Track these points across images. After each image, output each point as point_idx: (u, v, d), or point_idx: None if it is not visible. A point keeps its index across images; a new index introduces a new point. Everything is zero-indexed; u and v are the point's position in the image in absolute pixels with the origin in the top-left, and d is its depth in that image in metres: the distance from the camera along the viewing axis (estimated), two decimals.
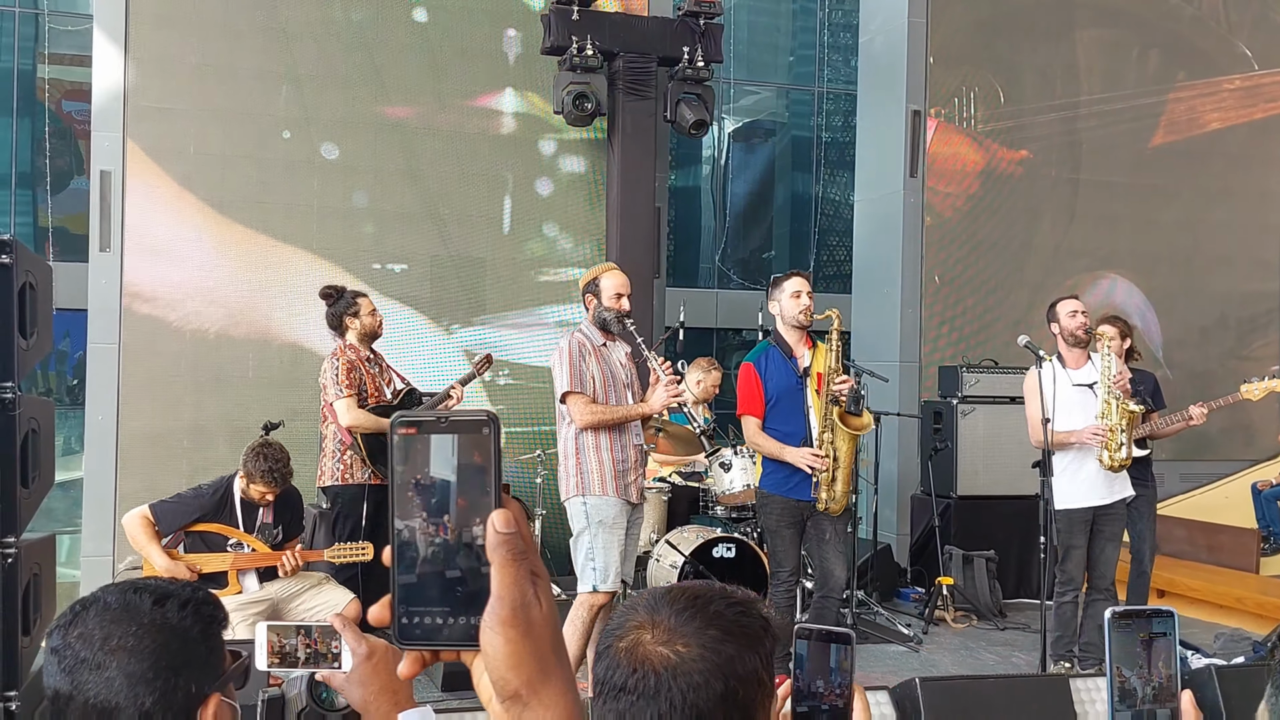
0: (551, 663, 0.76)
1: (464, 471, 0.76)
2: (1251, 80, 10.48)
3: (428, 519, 0.76)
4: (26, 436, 2.67)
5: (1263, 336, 10.49)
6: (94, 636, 1.33)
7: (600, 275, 5.10)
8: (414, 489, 0.76)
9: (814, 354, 5.28)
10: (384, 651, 1.64)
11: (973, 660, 6.32)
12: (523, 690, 0.75)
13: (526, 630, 0.75)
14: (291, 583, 5.29)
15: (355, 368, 5.86)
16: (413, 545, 0.76)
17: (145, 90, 7.59)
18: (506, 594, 0.74)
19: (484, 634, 0.75)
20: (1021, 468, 6.74)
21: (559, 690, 0.77)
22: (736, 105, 14.01)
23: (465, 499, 0.76)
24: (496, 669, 0.75)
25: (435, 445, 0.76)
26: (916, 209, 9.23)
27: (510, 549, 0.75)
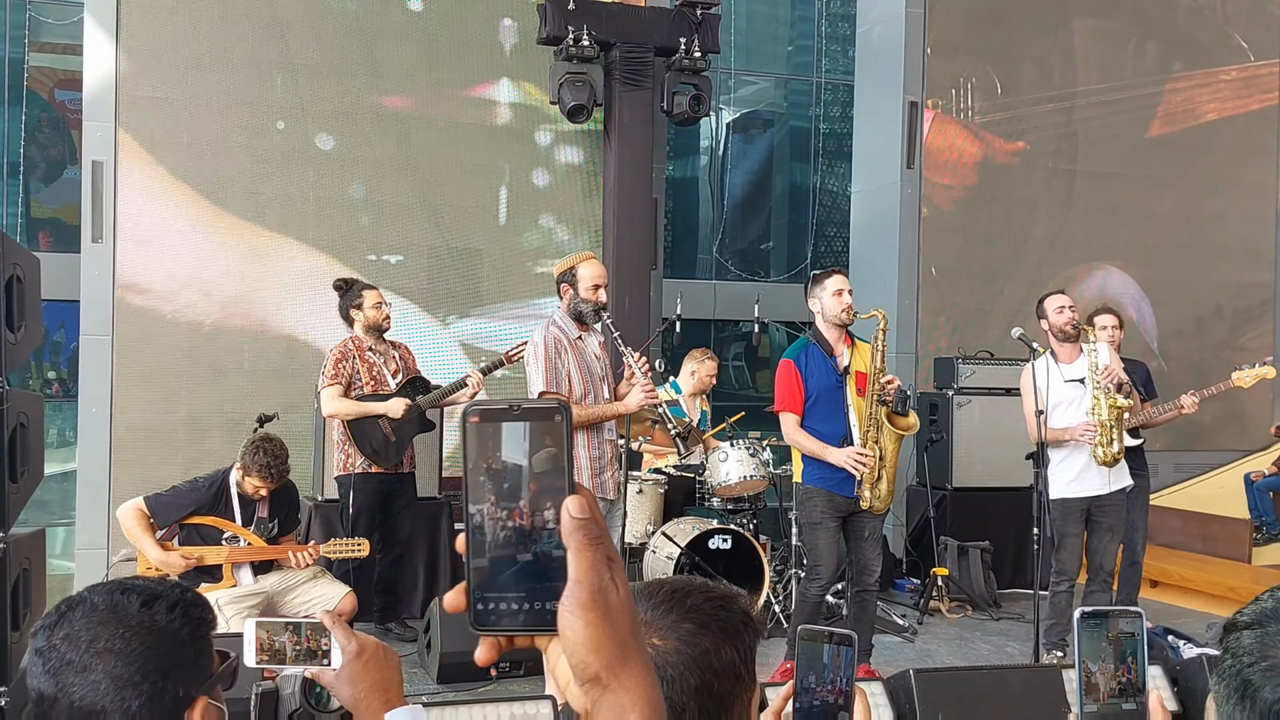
0: (630, 646, 0.77)
1: (538, 458, 0.77)
2: (1248, 71, 10.46)
3: (502, 505, 0.77)
4: (15, 431, 2.66)
5: (1257, 327, 10.49)
6: (80, 638, 1.31)
7: (578, 264, 4.93)
8: (487, 476, 0.77)
9: (853, 352, 5.22)
10: (374, 649, 1.63)
11: (967, 650, 6.32)
12: (603, 673, 0.75)
13: (606, 614, 0.75)
14: (287, 576, 5.29)
15: (347, 358, 5.93)
16: (487, 532, 0.77)
17: (137, 79, 7.55)
18: (585, 578, 0.75)
19: (563, 618, 0.75)
20: (1016, 459, 6.73)
21: (638, 672, 0.77)
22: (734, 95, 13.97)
23: (539, 485, 0.77)
24: (576, 652, 0.75)
25: (508, 433, 0.77)
26: (913, 200, 9.22)
27: (586, 534, 0.75)
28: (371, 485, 5.94)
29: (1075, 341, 5.69)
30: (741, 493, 6.65)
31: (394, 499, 6.06)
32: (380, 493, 5.98)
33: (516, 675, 5.30)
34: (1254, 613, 1.03)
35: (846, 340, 5.25)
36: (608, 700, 0.76)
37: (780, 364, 5.26)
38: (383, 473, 5.95)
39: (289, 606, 5.24)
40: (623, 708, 0.76)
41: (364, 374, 5.95)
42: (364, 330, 6.03)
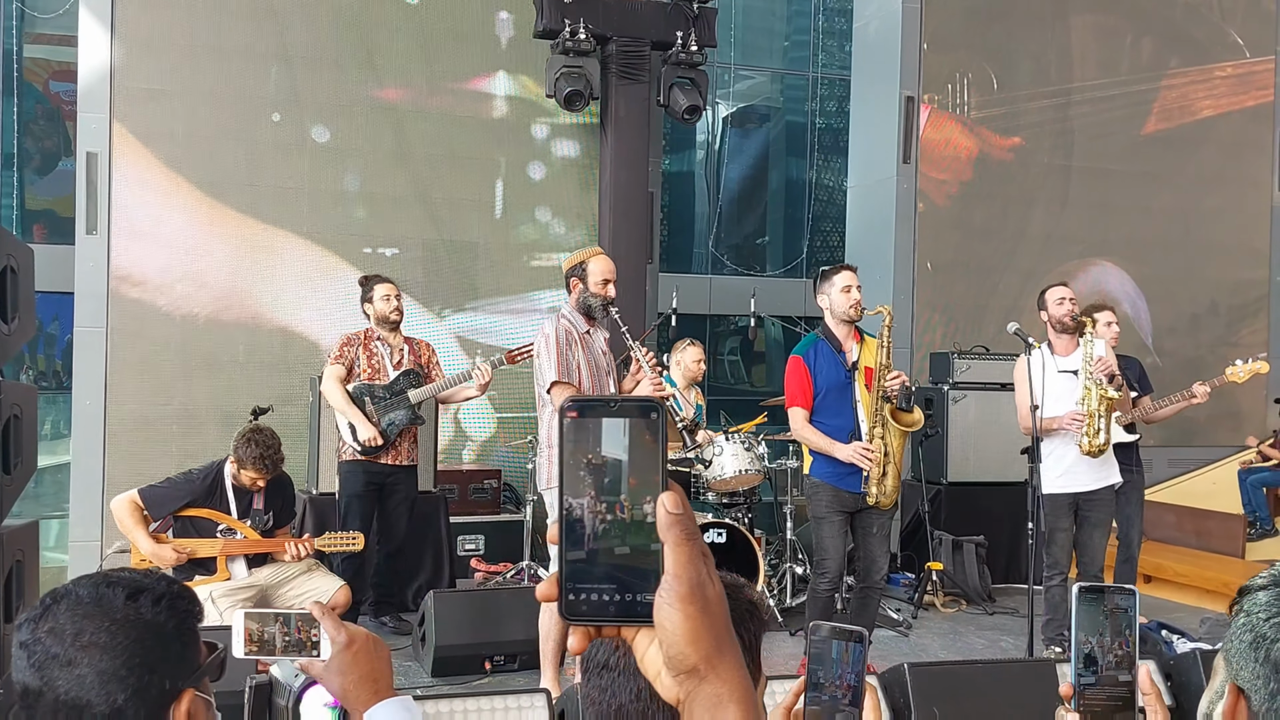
0: (726, 639, 0.79)
1: (634, 453, 0.79)
2: (1243, 68, 10.47)
3: (597, 499, 0.78)
4: (8, 422, 2.65)
5: (1252, 323, 10.51)
6: (65, 632, 1.30)
7: (588, 259, 4.97)
8: (584, 469, 0.78)
9: (862, 348, 5.23)
10: (364, 640, 1.62)
11: (961, 645, 6.33)
12: (701, 665, 0.77)
13: (704, 607, 0.77)
14: (282, 569, 5.28)
15: (352, 344, 6.05)
16: (581, 523, 0.79)
17: (132, 71, 7.53)
18: (684, 572, 0.76)
19: (661, 610, 0.77)
20: (1011, 454, 6.74)
21: (734, 664, 0.79)
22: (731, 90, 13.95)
23: (634, 480, 0.78)
24: (675, 644, 0.77)
25: (606, 428, 0.79)
26: (909, 195, 9.22)
27: (684, 528, 0.77)
28: (360, 475, 5.94)
29: (1074, 334, 5.69)
30: (736, 487, 6.66)
31: (390, 492, 6.06)
32: (371, 482, 5.97)
33: (511, 669, 5.30)
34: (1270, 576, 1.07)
35: (855, 336, 5.27)
36: (704, 691, 0.78)
37: (790, 360, 5.28)
38: (372, 462, 5.94)
39: (283, 599, 5.23)
40: (719, 698, 0.78)
41: (364, 362, 6.02)
42: (376, 322, 6.11)
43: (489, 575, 7.16)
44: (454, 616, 5.32)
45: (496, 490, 7.65)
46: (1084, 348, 5.59)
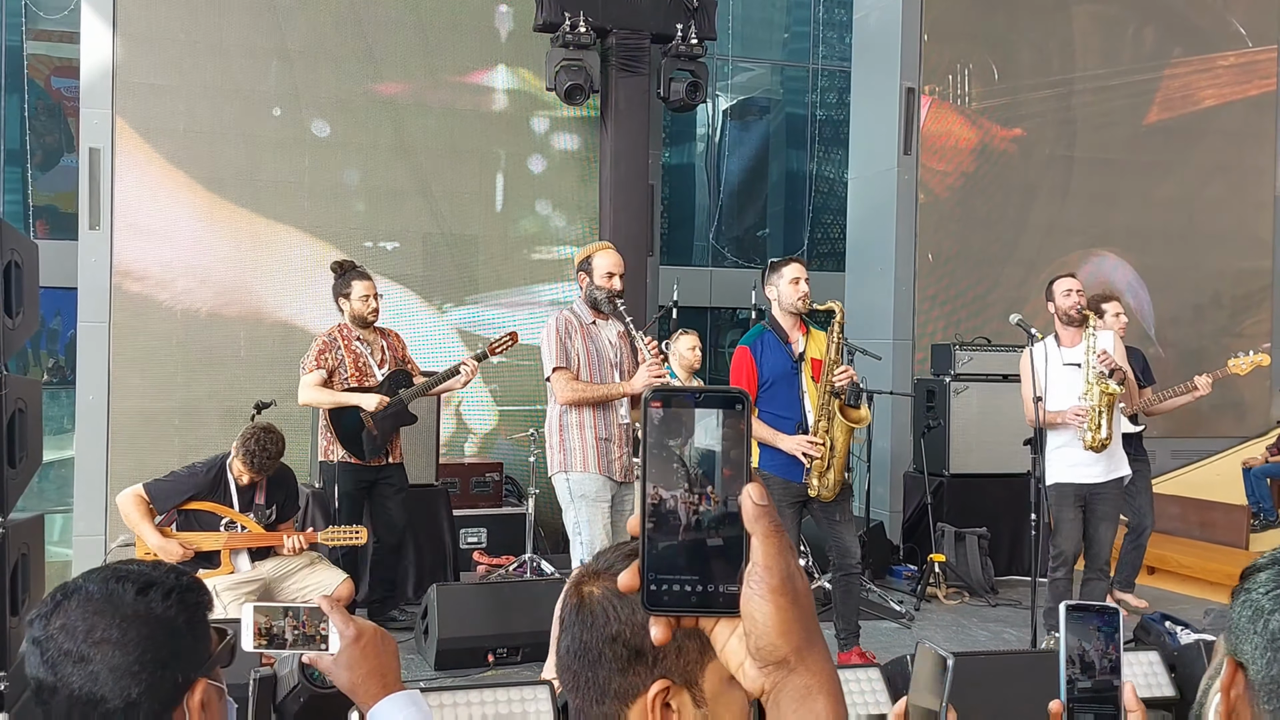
0: (815, 630, 0.80)
1: (719, 444, 0.79)
2: (1246, 57, 10.45)
3: (678, 489, 0.79)
4: (13, 416, 2.65)
5: (1255, 314, 10.50)
6: (77, 628, 1.31)
7: (594, 254, 5.11)
8: (665, 460, 0.79)
9: (809, 339, 5.27)
10: (372, 634, 1.62)
11: (964, 636, 6.34)
12: (791, 656, 0.78)
13: (794, 598, 0.78)
14: (284, 562, 5.30)
15: (332, 348, 5.88)
16: (665, 514, 0.79)
17: (134, 66, 7.53)
18: (774, 564, 0.77)
19: (750, 602, 0.78)
20: (1014, 445, 6.74)
21: (822, 656, 0.80)
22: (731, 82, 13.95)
23: (717, 471, 0.79)
24: (766, 635, 0.78)
25: (688, 418, 0.79)
26: (910, 186, 9.21)
27: (772, 520, 0.78)
28: (351, 474, 5.89)
29: (1080, 326, 5.68)
30: None
31: (382, 488, 6.01)
32: (361, 481, 5.92)
33: (514, 661, 5.31)
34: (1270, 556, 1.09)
35: (802, 328, 5.32)
36: (792, 682, 0.79)
37: (736, 350, 5.34)
38: (363, 464, 5.92)
39: (286, 593, 5.25)
40: (809, 689, 0.79)
41: (349, 364, 5.89)
42: (350, 319, 5.97)
43: (491, 568, 7.17)
44: (457, 609, 5.34)
45: (498, 483, 7.66)
46: (1086, 340, 5.59)
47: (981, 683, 4.27)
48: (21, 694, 2.86)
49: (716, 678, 1.38)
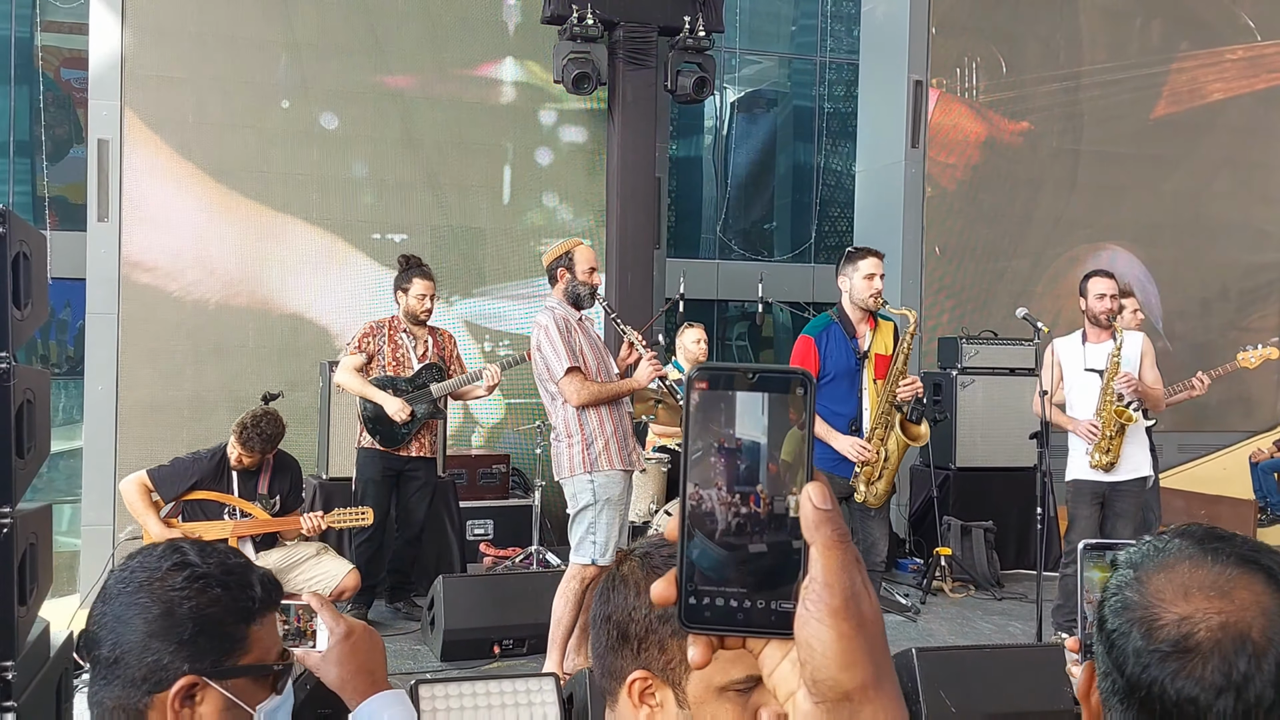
0: (885, 664, 0.66)
1: (774, 434, 0.68)
2: (1254, 50, 10.41)
3: (727, 487, 0.67)
4: (22, 406, 2.67)
5: (1263, 307, 10.48)
6: (124, 576, 1.40)
7: (572, 249, 4.97)
8: (712, 452, 0.68)
9: (875, 335, 5.15)
10: (361, 631, 1.64)
11: (970, 630, 6.35)
12: (855, 694, 0.65)
13: (859, 624, 0.65)
14: (291, 552, 5.32)
15: (376, 334, 5.98)
16: (708, 516, 0.68)
17: (143, 58, 7.55)
18: (836, 581, 0.65)
19: (807, 626, 0.65)
20: (1020, 439, 6.75)
21: (892, 696, 0.66)
22: (738, 75, 13.93)
23: (774, 466, 0.67)
24: (825, 668, 0.65)
25: (741, 404, 0.68)
26: (917, 179, 9.20)
27: (835, 528, 0.66)
28: (378, 462, 5.95)
29: (1108, 329, 5.65)
30: None
31: (408, 480, 6.07)
32: (388, 470, 5.98)
33: (520, 653, 5.33)
34: (1124, 558, 1.07)
35: (870, 322, 5.17)
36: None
37: (799, 339, 5.18)
38: (389, 453, 5.96)
39: (292, 583, 5.27)
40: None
41: (388, 353, 5.96)
42: (404, 314, 6.05)
43: (498, 560, 7.19)
44: (463, 601, 5.36)
45: (505, 475, 7.68)
46: (1110, 360, 5.54)
47: (987, 676, 4.28)
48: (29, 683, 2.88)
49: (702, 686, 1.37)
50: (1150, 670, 0.98)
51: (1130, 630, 1.00)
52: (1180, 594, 0.99)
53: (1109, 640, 1.02)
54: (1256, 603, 0.98)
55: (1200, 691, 0.96)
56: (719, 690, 1.36)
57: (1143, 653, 0.99)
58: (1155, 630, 0.99)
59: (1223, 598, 0.98)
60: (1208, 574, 1.00)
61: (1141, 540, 1.09)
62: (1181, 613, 0.98)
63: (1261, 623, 0.97)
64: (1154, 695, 0.98)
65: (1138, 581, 1.02)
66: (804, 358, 5.11)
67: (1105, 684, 1.03)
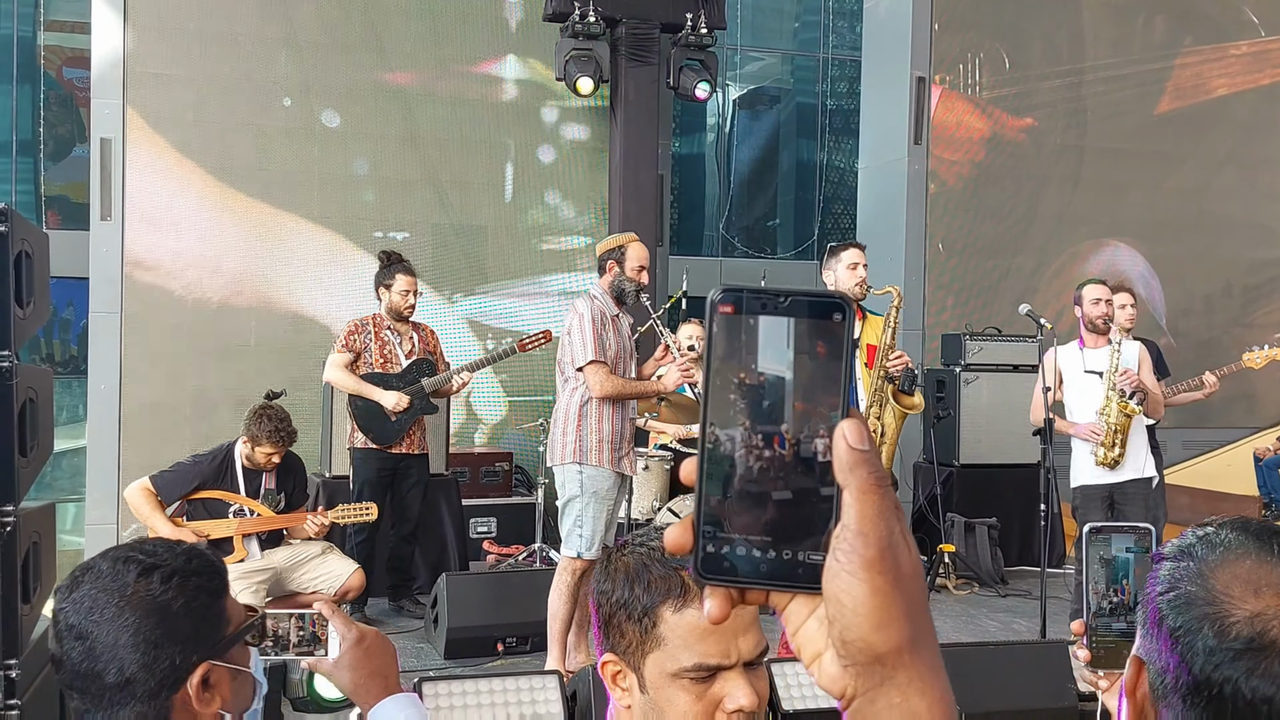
0: (924, 626, 0.60)
1: (804, 367, 0.61)
2: (1258, 46, 10.39)
3: (752, 425, 0.61)
4: (24, 405, 2.67)
5: (1267, 304, 10.46)
6: (83, 605, 1.37)
7: (627, 244, 5.02)
8: (735, 386, 0.61)
9: (865, 326, 5.21)
10: (374, 637, 1.66)
11: (974, 627, 6.34)
12: (890, 657, 0.59)
13: (896, 578, 0.58)
14: (297, 551, 5.32)
15: (362, 331, 5.97)
16: (728, 457, 0.61)
17: (144, 57, 7.55)
18: (871, 529, 0.58)
19: (837, 579, 0.59)
20: (1024, 436, 6.73)
21: (931, 663, 0.60)
22: (741, 72, 13.92)
23: (805, 402, 0.61)
24: (856, 626, 0.58)
25: (769, 330, 0.61)
26: (920, 176, 9.19)
27: (872, 471, 0.59)
28: (373, 462, 5.95)
29: (1105, 334, 5.68)
30: None
31: (402, 477, 6.07)
32: (384, 469, 5.98)
33: (523, 651, 5.33)
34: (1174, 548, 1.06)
35: (859, 314, 5.23)
36: (890, 698, 0.60)
37: None
38: (384, 451, 5.96)
39: (297, 582, 5.27)
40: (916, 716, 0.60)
41: (375, 351, 5.96)
42: (387, 311, 6.05)
43: (501, 558, 7.19)
44: (466, 599, 5.35)
45: (508, 473, 7.68)
46: (1111, 358, 5.57)
47: (991, 673, 4.27)
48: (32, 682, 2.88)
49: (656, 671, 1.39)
50: (1223, 669, 0.96)
51: (1200, 627, 0.98)
52: (1250, 590, 0.98)
53: (1172, 637, 1.00)
54: None
55: (1276, 690, 0.94)
56: (672, 677, 1.38)
57: (1215, 650, 0.97)
58: (1227, 627, 0.97)
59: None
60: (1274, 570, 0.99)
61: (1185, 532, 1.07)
62: (1253, 609, 0.97)
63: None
64: (1226, 694, 0.96)
65: (1199, 575, 1.01)
66: None
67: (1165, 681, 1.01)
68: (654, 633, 1.39)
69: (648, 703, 1.40)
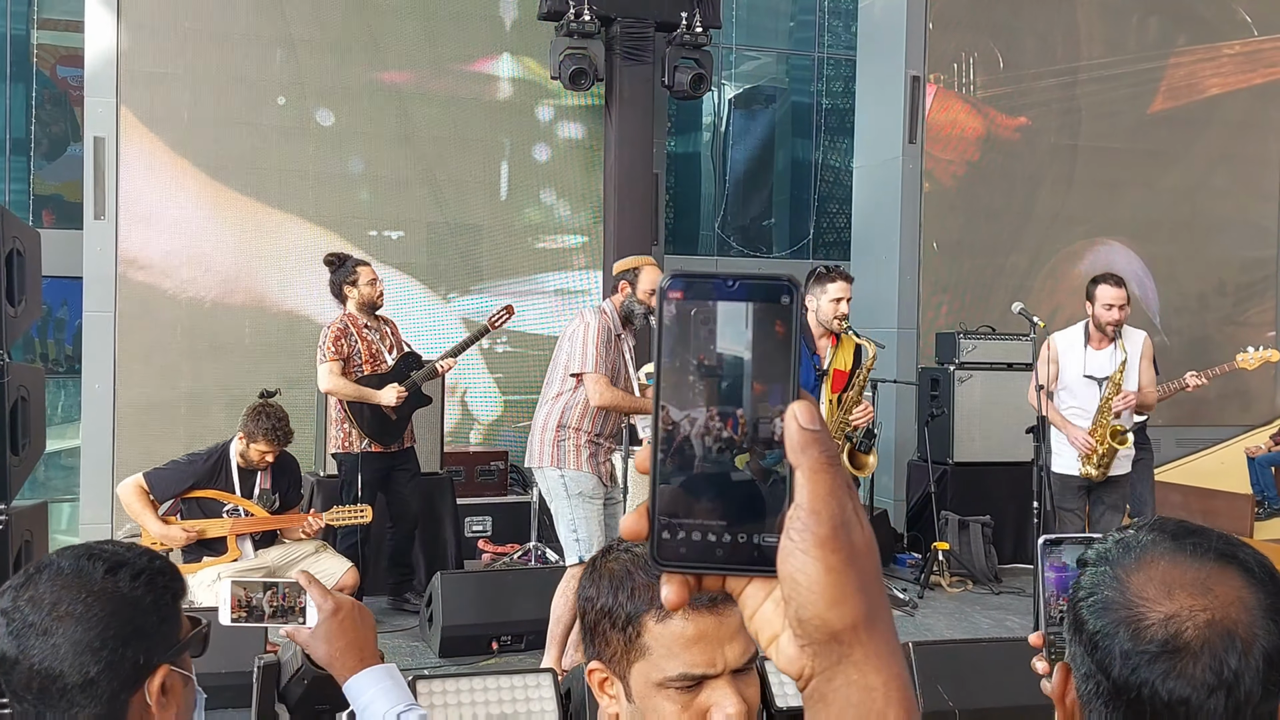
0: (879, 603, 0.61)
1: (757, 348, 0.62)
2: (1251, 46, 10.40)
3: (702, 407, 0.61)
4: (16, 404, 2.67)
5: (1259, 303, 10.48)
6: (44, 601, 1.32)
7: (642, 266, 5.04)
8: (685, 368, 0.62)
9: (835, 351, 5.25)
10: (349, 608, 1.65)
11: (967, 624, 6.35)
12: (845, 634, 0.60)
13: (850, 555, 0.59)
14: (290, 550, 5.32)
15: (346, 335, 5.90)
16: (680, 443, 0.62)
17: (138, 55, 7.54)
18: (824, 507, 0.59)
19: (791, 558, 0.59)
20: (1017, 434, 6.74)
21: (887, 640, 0.61)
22: (736, 71, 13.91)
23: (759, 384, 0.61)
24: (811, 605, 0.59)
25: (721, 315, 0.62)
26: (915, 175, 9.20)
27: (823, 450, 0.60)
28: (375, 464, 5.94)
29: (1111, 339, 5.65)
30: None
31: (397, 474, 6.08)
32: (384, 469, 5.99)
33: (518, 649, 5.33)
34: (1095, 553, 1.05)
35: (832, 339, 5.28)
36: (847, 675, 0.60)
37: None
38: (384, 451, 5.95)
39: None
40: (871, 692, 0.60)
41: (363, 352, 5.92)
42: (358, 307, 5.98)
43: (496, 556, 7.19)
44: (461, 597, 5.36)
45: (503, 472, 7.68)
46: (1113, 380, 5.53)
47: (984, 670, 4.28)
48: None
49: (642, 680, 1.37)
50: (1140, 672, 0.96)
51: (1116, 631, 0.98)
52: (1164, 592, 0.98)
53: (1091, 642, 1.00)
54: (1238, 598, 0.97)
55: (1192, 691, 0.95)
56: (657, 686, 1.36)
57: (1131, 654, 0.97)
58: (1142, 630, 0.97)
59: (1206, 594, 0.97)
60: (1188, 570, 0.99)
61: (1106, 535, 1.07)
62: (1167, 611, 0.97)
63: (1245, 618, 0.96)
64: (1144, 697, 0.96)
65: (1115, 580, 1.01)
66: None
67: (1087, 686, 1.01)
68: (638, 642, 1.37)
69: (634, 711, 1.39)
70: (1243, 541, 1.02)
